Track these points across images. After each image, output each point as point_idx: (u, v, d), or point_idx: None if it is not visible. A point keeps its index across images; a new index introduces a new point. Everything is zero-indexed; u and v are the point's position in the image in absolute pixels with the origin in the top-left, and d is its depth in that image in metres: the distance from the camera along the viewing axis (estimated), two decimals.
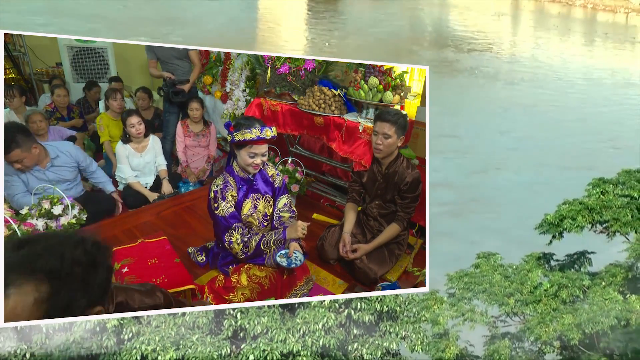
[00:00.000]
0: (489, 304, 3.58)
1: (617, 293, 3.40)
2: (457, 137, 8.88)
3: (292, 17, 14.14)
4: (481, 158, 8.44)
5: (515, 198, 7.25)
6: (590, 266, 3.90)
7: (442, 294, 3.50)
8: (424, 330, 3.27)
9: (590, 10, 13.23)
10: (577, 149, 8.69)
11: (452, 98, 10.31)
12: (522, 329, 3.47)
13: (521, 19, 13.57)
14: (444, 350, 3.32)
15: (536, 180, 7.59)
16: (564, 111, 9.80)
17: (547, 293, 3.53)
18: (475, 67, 10.75)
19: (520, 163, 8.12)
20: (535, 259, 3.86)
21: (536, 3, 13.52)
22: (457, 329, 3.43)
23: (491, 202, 7.20)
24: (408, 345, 3.22)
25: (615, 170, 4.68)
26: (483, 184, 7.59)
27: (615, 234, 3.73)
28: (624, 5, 12.85)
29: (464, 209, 6.85)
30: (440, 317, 3.39)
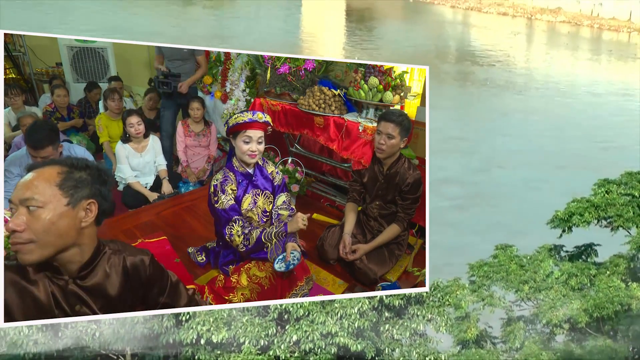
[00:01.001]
0: (506, 290, 4.06)
1: (620, 281, 3.86)
2: (464, 139, 9.67)
3: (331, 38, 15.17)
4: (485, 157, 9.19)
5: (514, 193, 7.98)
6: (596, 257, 4.31)
7: (464, 281, 3.90)
8: (447, 313, 3.63)
9: (597, 29, 14.71)
10: (572, 150, 9.59)
11: (464, 105, 11.52)
12: (535, 312, 3.88)
13: (534, 37, 15.19)
14: (466, 331, 3.79)
15: (533, 178, 8.39)
16: (564, 117, 10.92)
17: (557, 281, 3.94)
18: (488, 79, 12.07)
19: (519, 162, 8.98)
20: (547, 250, 4.29)
21: (548, 23, 15.10)
22: (478, 312, 3.85)
23: (493, 197, 7.86)
24: (433, 327, 3.61)
25: (605, 170, 5.45)
26: (486, 181, 8.31)
27: (619, 229, 4.14)
28: (627, 25, 14.42)
29: (469, 203, 7.52)
30: (463, 301, 3.83)
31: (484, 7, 15.38)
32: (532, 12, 15.24)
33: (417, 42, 13.89)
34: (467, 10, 15.94)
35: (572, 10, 14.68)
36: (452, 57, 13.44)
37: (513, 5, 15.10)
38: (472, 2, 15.59)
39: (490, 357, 3.64)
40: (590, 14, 14.47)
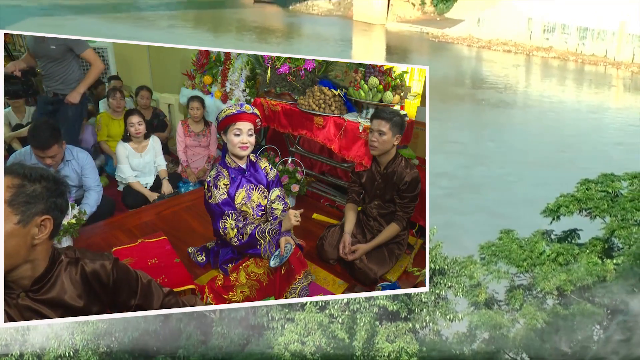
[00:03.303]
0: (509, 265, 4.98)
1: (597, 258, 4.80)
2: (458, 142, 12.18)
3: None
4: (471, 157, 11.78)
5: (492, 185, 10.49)
6: (579, 239, 5.35)
7: (476, 257, 4.93)
8: (463, 282, 4.54)
9: (580, 63, 19.36)
10: (545, 153, 12.17)
11: (468, 118, 14.82)
12: (531, 282, 4.87)
13: (531, 69, 19.62)
14: (478, 296, 4.64)
15: (508, 173, 11.04)
16: (547, 127, 14.20)
17: (548, 258, 4.94)
18: (489, 99, 16.20)
19: (499, 161, 11.75)
20: (540, 234, 5.29)
21: (542, 59, 19.92)
22: (487, 282, 4.76)
23: (475, 187, 10.29)
24: (453, 292, 4.48)
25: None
26: (470, 175, 10.80)
27: (596, 218, 5.26)
28: (603, 60, 19.05)
29: (456, 192, 9.78)
30: (475, 273, 4.65)
31: (492, 45, 20.59)
32: (530, 50, 20.00)
33: (439, 71, 17.53)
34: (480, 48, 20.83)
35: (561, 49, 19.63)
36: (466, 83, 17.84)
37: (515, 45, 20.17)
38: (483, 42, 20.75)
39: (496, 316, 4.55)
40: (575, 51, 19.44)
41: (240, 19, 23.44)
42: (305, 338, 4.12)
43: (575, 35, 19.40)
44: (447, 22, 22.14)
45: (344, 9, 24.18)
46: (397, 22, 22.85)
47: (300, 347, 4.08)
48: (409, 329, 4.21)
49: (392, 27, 22.68)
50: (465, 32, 21.31)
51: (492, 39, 20.69)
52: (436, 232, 4.46)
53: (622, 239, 5.04)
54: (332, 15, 24.31)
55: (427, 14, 23.04)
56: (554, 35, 19.85)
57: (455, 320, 4.44)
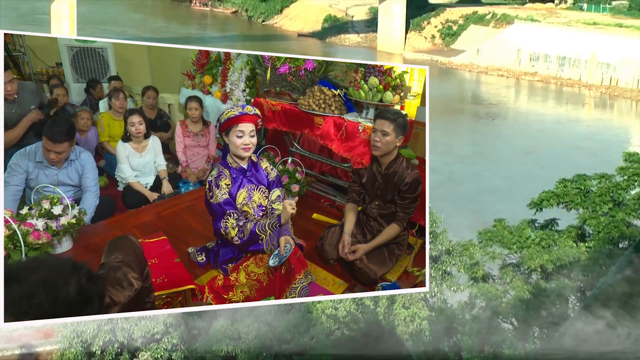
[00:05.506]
0: (502, 248, 6.15)
1: (572, 242, 5.97)
2: (447, 145, 15.41)
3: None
4: (455, 156, 15.09)
5: (468, 178, 13.79)
6: (558, 227, 6.55)
7: (475, 241, 6.17)
8: (465, 260, 5.66)
9: (559, 85, 24.08)
10: (523, 160, 15.50)
11: (464, 128, 19.09)
12: (520, 261, 6.03)
13: (520, 90, 24.39)
14: (476, 272, 5.74)
15: (483, 169, 14.58)
16: (529, 136, 18.12)
17: (534, 242, 6.09)
18: (483, 112, 20.93)
19: (476, 160, 15.34)
20: (527, 223, 6.50)
21: (529, 82, 24.68)
22: (484, 261, 5.89)
23: (460, 181, 13.43)
24: (456, 268, 5.57)
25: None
26: (457, 170, 13.98)
27: (571, 210, 6.53)
28: (577, 83, 23.78)
29: (443, 184, 12.27)
30: (474, 254, 5.79)
31: (489, 71, 25.64)
32: (519, 74, 25.26)
33: (445, 91, 21.98)
34: (478, 73, 25.92)
35: (544, 73, 24.78)
36: (467, 102, 22.76)
37: (507, 70, 25.42)
38: (482, 68, 25.92)
39: (491, 288, 5.57)
40: (555, 75, 24.51)
41: (286, 48, 28.67)
42: (339, 305, 5.01)
43: (555, 62, 24.64)
44: (453, 52, 27.85)
45: (369, 41, 30.13)
46: (412, 52, 28.65)
47: (334, 312, 4.99)
48: (420, 297, 5.13)
49: (409, 55, 28.24)
50: (467, 60, 26.59)
51: (489, 65, 25.88)
52: (442, 222, 5.69)
53: (592, 227, 6.20)
54: (360, 46, 30.16)
55: (436, 45, 29.16)
56: (539, 62, 25.07)
57: (458, 291, 5.50)
